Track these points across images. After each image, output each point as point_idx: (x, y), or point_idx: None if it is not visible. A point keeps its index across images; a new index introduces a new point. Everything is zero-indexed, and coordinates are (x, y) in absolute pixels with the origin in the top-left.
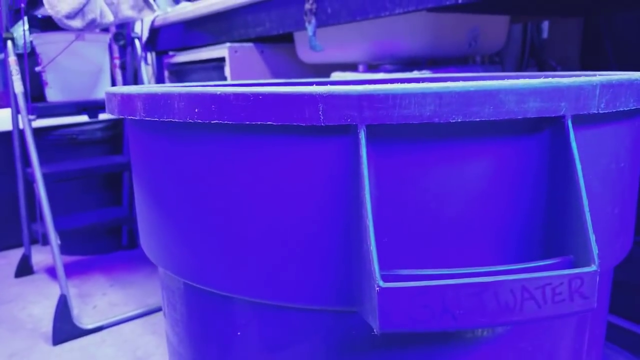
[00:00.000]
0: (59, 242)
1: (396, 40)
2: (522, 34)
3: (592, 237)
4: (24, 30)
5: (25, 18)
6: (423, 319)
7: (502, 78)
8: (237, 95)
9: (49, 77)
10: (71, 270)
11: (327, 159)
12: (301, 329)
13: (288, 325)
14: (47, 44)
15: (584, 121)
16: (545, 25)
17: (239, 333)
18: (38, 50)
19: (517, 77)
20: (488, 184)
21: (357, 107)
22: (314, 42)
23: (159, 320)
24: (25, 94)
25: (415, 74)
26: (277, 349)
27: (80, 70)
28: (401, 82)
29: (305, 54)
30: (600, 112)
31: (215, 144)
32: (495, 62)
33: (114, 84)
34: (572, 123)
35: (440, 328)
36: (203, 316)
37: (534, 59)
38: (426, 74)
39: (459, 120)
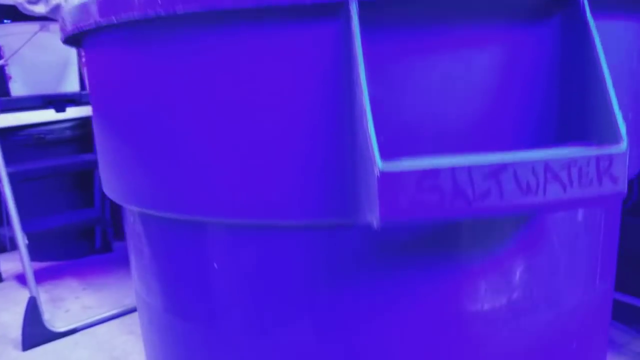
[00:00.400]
0: (26, 241)
1: None
2: None
3: (619, 115)
4: None
5: None
6: (432, 204)
7: None
8: None
9: (12, 70)
10: (42, 276)
11: (313, 48)
12: (286, 252)
13: (271, 249)
14: (9, 36)
15: (600, 6)
16: None
17: (215, 265)
18: (0, 42)
19: None
20: (496, 70)
21: None
22: None
23: (136, 320)
24: None
25: None
26: (260, 279)
27: (45, 62)
28: None
29: None
30: None
31: (178, 42)
32: None
33: (82, 81)
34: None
35: (452, 216)
36: (173, 252)
37: None
38: None
39: None
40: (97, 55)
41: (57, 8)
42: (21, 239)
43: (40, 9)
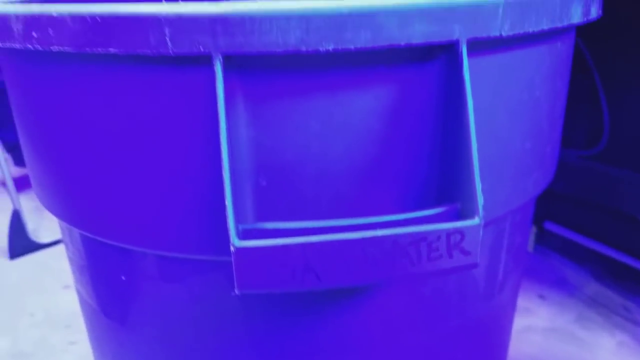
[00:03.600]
0: (7, 157)
1: None
2: None
3: (478, 186)
4: None
5: None
6: (283, 279)
7: None
8: (74, 18)
9: None
10: (26, 184)
11: (181, 95)
12: (180, 277)
13: (169, 272)
14: None
15: (484, 46)
16: None
17: (124, 279)
18: None
19: None
20: (367, 121)
21: (210, 33)
22: None
23: None
24: None
25: None
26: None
27: None
28: None
29: None
30: (504, 35)
31: (59, 75)
32: None
33: None
34: (469, 49)
35: (304, 288)
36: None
37: None
38: None
39: (331, 49)
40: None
41: None
42: (1, 154)
43: None
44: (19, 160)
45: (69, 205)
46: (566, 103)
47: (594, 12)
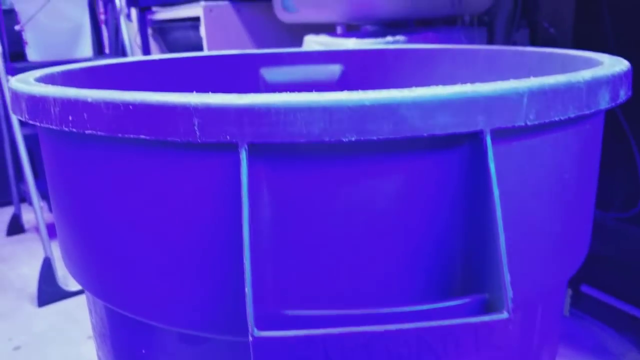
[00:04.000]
0: (42, 205)
1: (372, 0)
2: None
3: (506, 277)
4: None
5: None
6: None
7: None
8: (107, 104)
9: (28, 36)
10: None
11: (207, 180)
12: (200, 356)
13: (189, 350)
14: (25, 2)
15: (509, 134)
16: None
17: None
18: (17, 8)
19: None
20: (389, 209)
21: (237, 123)
22: (288, 2)
23: None
24: (4, 54)
25: (388, 39)
26: None
27: (59, 28)
28: (363, 54)
29: (283, 14)
30: (529, 124)
31: (94, 156)
32: (484, 22)
33: (100, 40)
34: (493, 137)
35: None
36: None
37: (526, 19)
38: (400, 39)
39: (354, 140)
40: (41, 141)
41: None
42: (36, 202)
43: None
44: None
45: (93, 277)
46: (601, 167)
47: (623, 95)
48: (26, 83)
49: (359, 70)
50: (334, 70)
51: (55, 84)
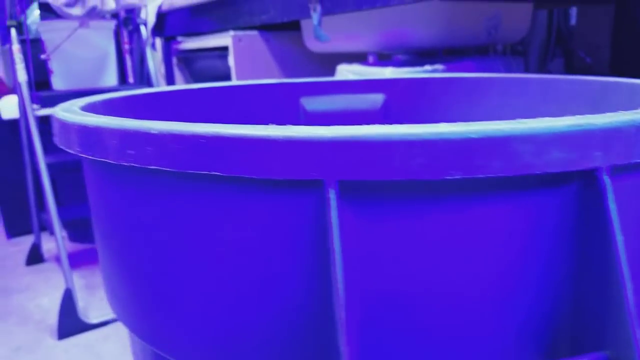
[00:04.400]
0: (64, 234)
1: (407, 29)
2: (547, 20)
3: (636, 330)
4: (25, 16)
5: (36, 4)
6: None
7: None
8: (175, 137)
9: (54, 65)
10: (78, 260)
11: (290, 221)
12: None
13: None
14: (52, 31)
15: (626, 170)
16: (574, 11)
17: None
18: (43, 37)
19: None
20: (489, 251)
21: (326, 159)
22: (319, 32)
23: None
24: (30, 83)
25: (426, 68)
26: None
27: (85, 57)
28: (405, 83)
29: (313, 43)
30: None
31: (156, 193)
32: (518, 51)
33: (124, 69)
34: (611, 174)
35: None
36: None
37: (561, 48)
38: (438, 68)
39: (458, 177)
40: (87, 174)
41: (92, 10)
42: (59, 233)
43: (77, 11)
44: (73, 237)
45: (147, 322)
46: None
47: None
48: (77, 113)
49: (401, 100)
50: (376, 99)
51: (114, 111)
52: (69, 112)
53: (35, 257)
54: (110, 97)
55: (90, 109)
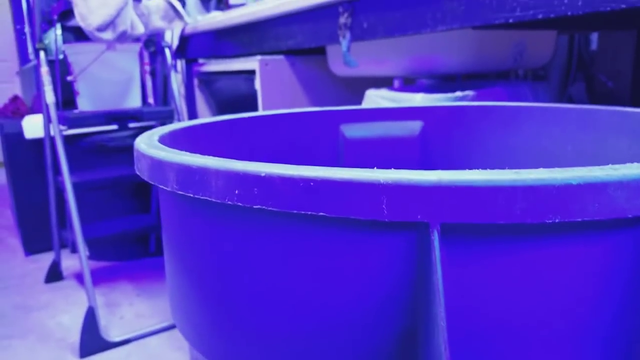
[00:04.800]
0: (87, 253)
1: (435, 55)
2: (568, 46)
3: None
4: (55, 36)
5: (59, 25)
6: None
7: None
8: (283, 180)
9: (80, 86)
10: (99, 277)
11: (392, 261)
12: None
13: None
14: (78, 54)
15: None
16: (595, 36)
17: None
18: (70, 59)
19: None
20: (576, 292)
21: (430, 203)
22: (349, 58)
23: None
24: (57, 103)
25: (457, 94)
26: None
27: (111, 79)
28: (443, 111)
29: (338, 68)
30: None
31: (257, 231)
32: (539, 76)
33: (144, 89)
34: None
35: None
36: None
37: (582, 72)
38: (469, 94)
39: (557, 221)
40: (171, 200)
41: (123, 34)
42: (83, 251)
43: (108, 35)
44: (92, 255)
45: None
46: None
47: None
48: (172, 152)
49: (439, 127)
50: (414, 126)
51: (177, 141)
52: (161, 150)
53: (54, 274)
54: (173, 128)
55: (169, 139)
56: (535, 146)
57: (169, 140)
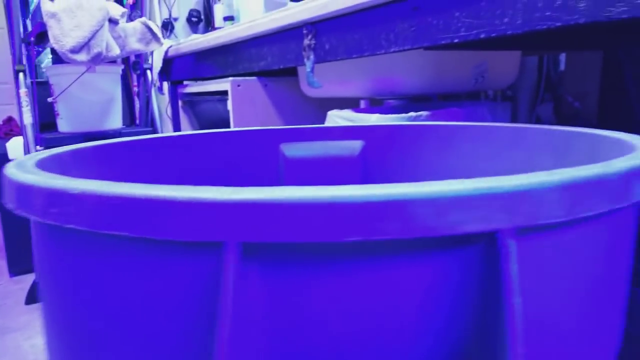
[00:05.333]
0: None
1: (396, 76)
2: (538, 66)
3: None
4: (32, 58)
5: (49, 49)
6: None
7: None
8: (88, 197)
9: (60, 107)
10: None
11: (189, 283)
12: None
13: None
14: (59, 75)
15: (532, 231)
16: (563, 57)
17: None
18: (51, 81)
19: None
20: (390, 317)
21: (226, 221)
22: (312, 79)
23: None
24: (35, 125)
25: (410, 115)
26: None
27: (91, 101)
28: (384, 130)
29: (308, 88)
30: (557, 221)
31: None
32: (507, 96)
33: (133, 112)
34: (517, 235)
35: None
36: None
37: (550, 93)
38: (422, 114)
39: (358, 240)
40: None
41: (98, 56)
42: None
43: (82, 57)
44: None
45: None
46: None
47: None
48: (21, 168)
49: (379, 146)
50: (354, 146)
51: (65, 165)
52: (16, 169)
53: (34, 296)
54: (78, 147)
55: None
56: (468, 165)
57: (60, 163)
